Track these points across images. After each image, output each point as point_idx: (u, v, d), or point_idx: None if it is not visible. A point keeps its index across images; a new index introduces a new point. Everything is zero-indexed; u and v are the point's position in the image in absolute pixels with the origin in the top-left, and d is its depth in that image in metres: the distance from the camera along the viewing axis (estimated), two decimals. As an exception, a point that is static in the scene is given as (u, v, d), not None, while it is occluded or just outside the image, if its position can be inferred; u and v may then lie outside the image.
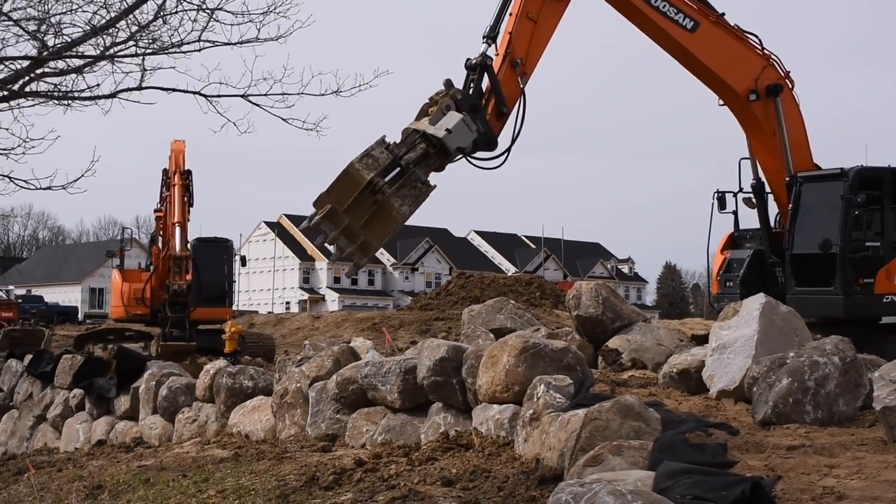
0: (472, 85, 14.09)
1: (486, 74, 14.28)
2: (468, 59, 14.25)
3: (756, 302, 11.78)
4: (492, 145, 14.06)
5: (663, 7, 16.83)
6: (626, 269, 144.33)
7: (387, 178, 12.19)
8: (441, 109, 13.01)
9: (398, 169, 12.43)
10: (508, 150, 14.94)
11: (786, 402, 9.73)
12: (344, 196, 12.07)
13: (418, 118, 13.35)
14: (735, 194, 18.92)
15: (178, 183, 29.95)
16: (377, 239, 13.02)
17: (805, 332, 11.94)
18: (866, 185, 18.12)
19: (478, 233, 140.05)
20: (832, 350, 10.05)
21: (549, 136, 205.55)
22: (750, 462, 7.98)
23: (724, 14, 17.75)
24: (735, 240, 19.63)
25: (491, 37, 14.63)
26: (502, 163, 14.78)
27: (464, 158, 14.06)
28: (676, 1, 17.10)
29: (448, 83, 13.41)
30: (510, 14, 15.00)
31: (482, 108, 13.79)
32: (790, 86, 18.02)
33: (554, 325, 25.00)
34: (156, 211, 32.79)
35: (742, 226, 19.53)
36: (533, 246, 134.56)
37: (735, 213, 19.30)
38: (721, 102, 18.18)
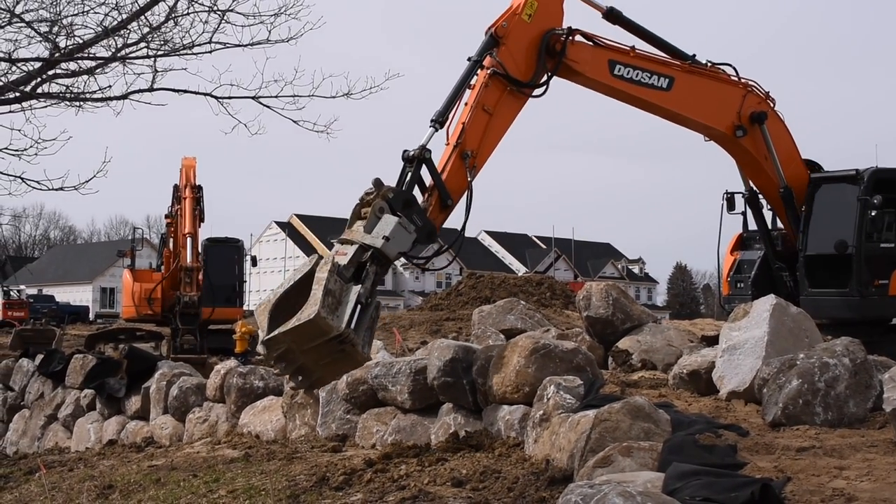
0: (406, 178, 13.25)
1: (424, 167, 13.45)
2: (405, 151, 13.37)
3: (766, 303, 11.78)
4: (431, 238, 13.29)
5: (637, 76, 16.38)
6: (636, 270, 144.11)
7: (353, 325, 11.64)
8: (374, 213, 12.26)
9: (360, 306, 11.83)
10: (460, 242, 14.51)
11: (796, 404, 9.73)
12: (305, 341, 11.34)
13: (351, 222, 12.45)
14: (744, 195, 18.87)
15: (190, 196, 30.34)
16: (334, 377, 12.62)
17: (815, 333, 11.93)
18: (881, 186, 18.08)
19: (488, 233, 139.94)
20: (842, 351, 10.05)
21: (560, 136, 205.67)
22: (760, 463, 7.99)
23: (695, 55, 17.33)
24: (744, 241, 19.60)
25: (439, 122, 13.78)
26: (440, 253, 14.32)
27: (405, 259, 13.40)
28: (648, 65, 16.64)
29: (377, 182, 12.54)
30: (465, 104, 14.27)
31: (416, 202, 12.90)
32: (772, 105, 17.82)
33: (564, 326, 24.99)
34: (167, 216, 32.97)
35: (751, 227, 19.49)
36: (543, 246, 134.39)
37: (744, 213, 19.27)
38: (707, 139, 17.94)
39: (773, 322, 11.44)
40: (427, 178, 13.60)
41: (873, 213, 18.02)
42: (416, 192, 13.46)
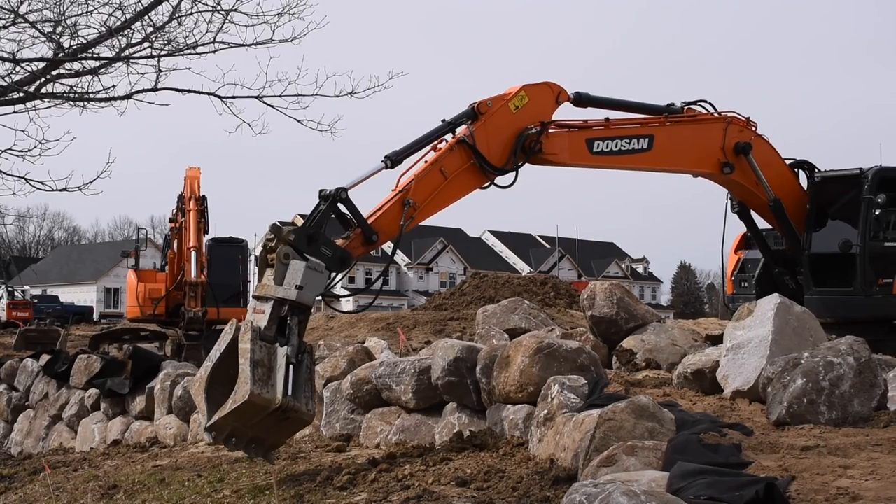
0: (316, 216, 12.73)
1: (340, 205, 12.93)
2: (321, 190, 12.86)
3: (770, 302, 11.78)
4: (346, 264, 12.64)
5: (617, 146, 16.22)
6: (640, 269, 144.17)
7: (289, 391, 11.46)
8: (280, 261, 11.75)
9: (291, 367, 11.60)
10: (384, 275, 13.65)
11: (800, 403, 9.72)
12: (247, 419, 11.16)
13: (261, 273, 11.98)
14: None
15: (194, 209, 30.13)
16: (287, 438, 12.43)
17: (819, 332, 11.93)
18: (886, 185, 18.08)
19: (492, 232, 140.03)
20: (847, 350, 10.04)
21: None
22: (764, 462, 7.98)
23: (669, 105, 17.18)
24: (748, 240, 19.60)
25: (393, 160, 13.45)
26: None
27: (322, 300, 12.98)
28: (625, 132, 16.47)
29: (275, 228, 11.96)
30: (425, 161, 14.00)
31: (321, 235, 12.27)
32: (754, 130, 17.70)
33: (568, 326, 24.99)
34: (171, 221, 32.98)
35: (755, 227, 19.46)
36: (547, 246, 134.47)
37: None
38: (695, 175, 17.87)
39: (777, 321, 11.43)
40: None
41: (877, 213, 18.02)
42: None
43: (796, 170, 18.64)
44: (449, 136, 14.43)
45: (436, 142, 14.22)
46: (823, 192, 18.33)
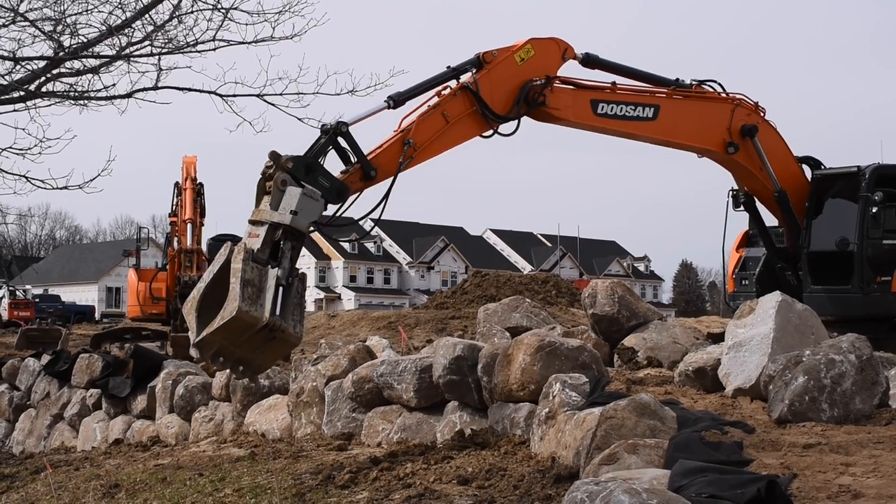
0: (315, 147, 12.84)
1: (340, 139, 13.08)
2: (323, 125, 13.04)
3: (772, 300, 11.76)
4: (343, 196, 12.81)
5: (621, 111, 16.37)
6: (642, 268, 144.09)
7: (277, 310, 11.41)
8: (277, 187, 11.93)
9: (281, 288, 11.75)
10: (374, 219, 13.83)
11: (802, 401, 9.70)
12: (234, 336, 11.29)
13: (258, 199, 12.16)
14: (741, 199, 18.82)
15: (190, 187, 30.62)
16: (273, 362, 12.46)
17: (821, 329, 11.90)
18: (883, 182, 18.07)
19: (493, 231, 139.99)
20: (848, 348, 10.02)
21: (565, 133, 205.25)
22: (766, 460, 7.97)
23: (678, 79, 17.23)
24: (750, 238, 19.61)
25: (396, 101, 13.67)
26: (360, 220, 13.88)
27: (317, 231, 13.09)
28: (632, 98, 16.59)
29: (273, 155, 12.12)
30: (428, 105, 14.16)
31: (320, 165, 12.47)
32: (762, 115, 17.74)
33: (570, 324, 24.96)
34: (170, 216, 33.08)
35: (756, 223, 19.45)
36: (549, 244, 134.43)
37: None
38: (700, 156, 17.91)
39: (778, 319, 11.41)
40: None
41: (874, 210, 18.01)
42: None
43: (802, 165, 18.64)
44: (453, 83, 14.59)
45: (440, 87, 14.35)
46: (822, 189, 18.33)
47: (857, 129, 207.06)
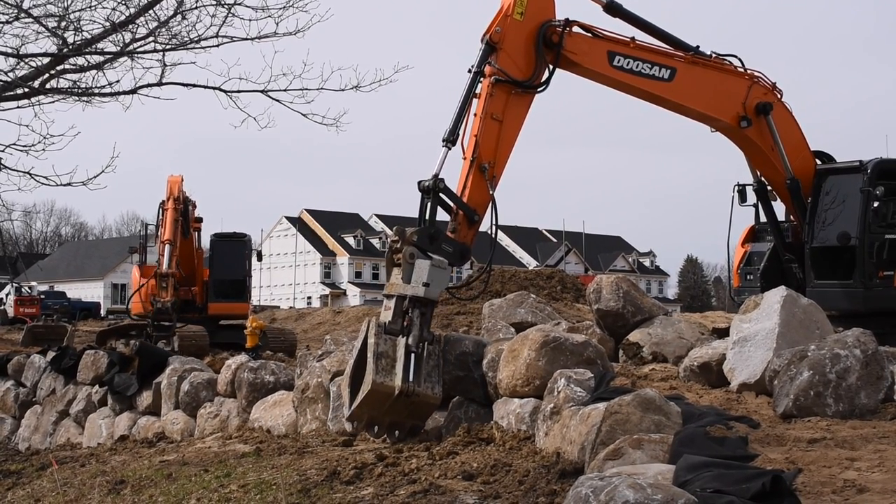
0: (426, 213, 13.59)
1: (442, 196, 13.73)
2: (420, 182, 13.62)
3: (777, 295, 11.75)
4: (465, 258, 13.81)
5: (637, 67, 16.36)
6: (647, 263, 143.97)
7: (410, 378, 12.19)
8: (406, 261, 12.74)
9: (412, 355, 12.32)
10: (489, 265, 15.60)
11: (807, 395, 9.70)
12: (377, 406, 12.34)
13: (388, 272, 13.14)
14: (753, 187, 18.82)
15: (171, 207, 31.15)
16: (424, 420, 13.04)
17: (826, 324, 11.89)
18: (885, 177, 18.02)
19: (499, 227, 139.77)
20: (854, 343, 10.02)
21: (571, 130, 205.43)
22: (771, 455, 7.96)
23: (698, 46, 17.23)
24: (756, 233, 19.55)
25: (451, 140, 13.97)
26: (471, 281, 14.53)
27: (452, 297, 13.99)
28: (650, 56, 16.57)
29: (399, 231, 13.02)
30: (474, 115, 14.37)
31: (441, 232, 13.31)
32: (779, 96, 17.73)
33: (575, 319, 24.97)
34: (154, 235, 33.34)
35: (762, 219, 19.43)
36: (554, 240, 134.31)
37: (756, 206, 19.20)
38: (713, 130, 17.90)
39: (783, 314, 11.40)
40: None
41: (876, 204, 17.97)
42: (442, 212, 13.86)
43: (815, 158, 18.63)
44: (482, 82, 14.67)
45: (473, 95, 14.47)
46: (824, 184, 18.29)
47: (860, 123, 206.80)
